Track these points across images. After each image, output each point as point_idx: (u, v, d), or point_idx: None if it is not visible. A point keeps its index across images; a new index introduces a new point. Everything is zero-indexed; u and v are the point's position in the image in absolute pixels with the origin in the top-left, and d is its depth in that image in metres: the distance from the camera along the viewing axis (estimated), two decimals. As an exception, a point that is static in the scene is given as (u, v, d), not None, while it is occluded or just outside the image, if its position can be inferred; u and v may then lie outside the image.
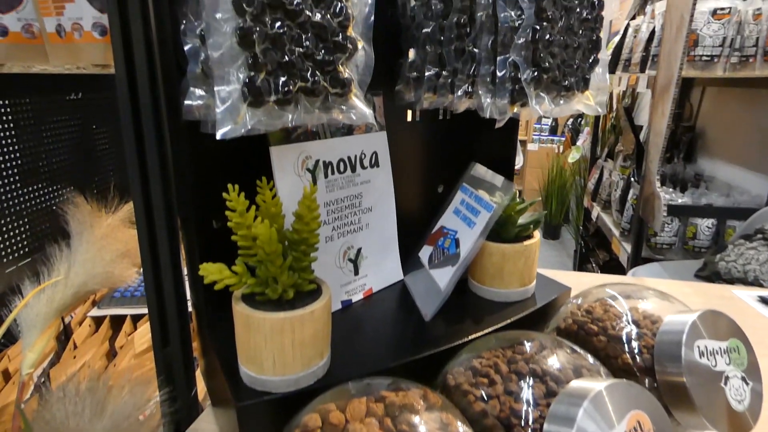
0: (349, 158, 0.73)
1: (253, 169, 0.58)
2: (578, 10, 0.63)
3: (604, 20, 0.71)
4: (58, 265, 0.82)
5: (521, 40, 0.62)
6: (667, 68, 1.79)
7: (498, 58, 0.64)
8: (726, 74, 1.90)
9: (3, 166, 1.00)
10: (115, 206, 0.98)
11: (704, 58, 1.90)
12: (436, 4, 0.73)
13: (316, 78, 0.46)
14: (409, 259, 0.85)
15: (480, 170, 0.79)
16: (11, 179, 1.02)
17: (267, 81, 0.44)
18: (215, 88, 0.48)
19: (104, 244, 0.84)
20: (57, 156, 1.16)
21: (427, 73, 0.77)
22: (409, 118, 0.87)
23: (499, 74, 0.64)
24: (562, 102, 0.65)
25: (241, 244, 0.54)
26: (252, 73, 0.44)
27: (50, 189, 1.15)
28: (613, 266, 2.46)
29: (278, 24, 0.44)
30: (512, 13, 0.62)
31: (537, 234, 0.77)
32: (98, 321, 1.20)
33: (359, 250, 0.77)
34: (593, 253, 2.76)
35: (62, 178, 1.19)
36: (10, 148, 0.97)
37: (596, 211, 2.63)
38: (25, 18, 0.66)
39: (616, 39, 2.53)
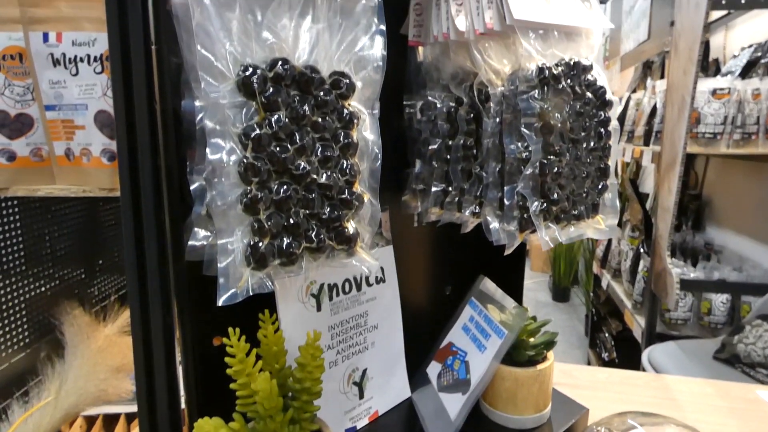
0: (354, 278, 0.71)
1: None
2: (585, 141, 0.63)
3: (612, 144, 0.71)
4: (48, 384, 0.79)
5: (529, 171, 0.61)
6: (671, 146, 1.80)
7: (505, 187, 0.63)
8: (729, 150, 1.91)
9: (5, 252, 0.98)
10: (116, 311, 0.96)
11: (707, 135, 1.91)
12: (443, 124, 0.74)
13: (322, 237, 0.45)
14: (416, 373, 0.81)
15: (489, 286, 0.77)
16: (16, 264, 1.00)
17: (271, 245, 0.43)
18: (218, 242, 0.47)
19: (100, 359, 0.81)
20: (62, 242, 1.15)
21: (433, 189, 0.76)
22: (416, 223, 0.86)
23: (506, 202, 0.63)
24: (572, 230, 0.63)
25: (240, 394, 0.51)
26: (256, 238, 0.43)
27: (53, 273, 1.13)
28: (626, 338, 2.38)
29: (284, 188, 0.43)
30: (519, 145, 0.62)
31: (551, 355, 0.73)
32: (90, 421, 1.15)
33: (365, 371, 0.73)
34: (605, 322, 2.68)
35: (66, 262, 1.18)
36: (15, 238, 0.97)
37: (606, 279, 2.58)
38: (34, 142, 0.67)
39: (619, 110, 2.57)
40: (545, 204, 0.60)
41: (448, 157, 0.74)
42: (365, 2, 0.48)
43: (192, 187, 0.55)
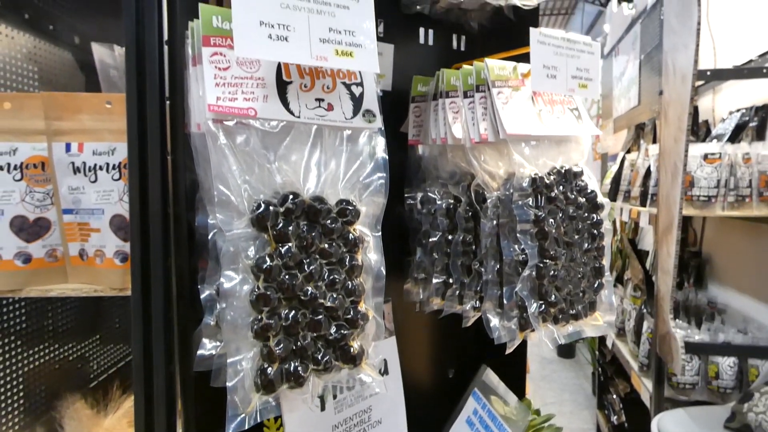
0: (358, 374, 0.72)
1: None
2: (579, 243, 0.66)
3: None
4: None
5: (526, 273, 0.63)
6: (667, 210, 1.84)
7: (504, 287, 0.65)
8: (725, 213, 1.94)
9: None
10: (117, 397, 0.95)
11: (702, 198, 1.95)
12: (443, 219, 0.77)
13: (328, 358, 0.47)
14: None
15: (492, 379, 0.78)
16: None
17: (280, 369, 0.45)
18: (227, 360, 0.48)
19: (102, 455, 0.80)
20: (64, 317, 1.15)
21: (434, 280, 0.78)
22: (418, 309, 0.87)
23: (506, 302, 0.65)
24: (570, 329, 0.65)
25: None
26: (266, 364, 0.44)
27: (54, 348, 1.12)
28: (635, 402, 2.32)
29: (293, 314, 0.45)
30: (515, 247, 0.64)
31: (556, 451, 0.73)
32: None
33: (369, 469, 0.73)
34: (612, 383, 2.62)
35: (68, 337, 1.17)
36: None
37: (611, 337, 2.55)
38: (50, 244, 0.69)
39: (614, 168, 2.63)
40: (543, 306, 0.62)
41: (448, 250, 0.76)
42: (368, 131, 0.52)
43: (202, 296, 0.57)
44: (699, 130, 2.54)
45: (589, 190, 0.67)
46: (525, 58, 0.67)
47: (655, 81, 2.07)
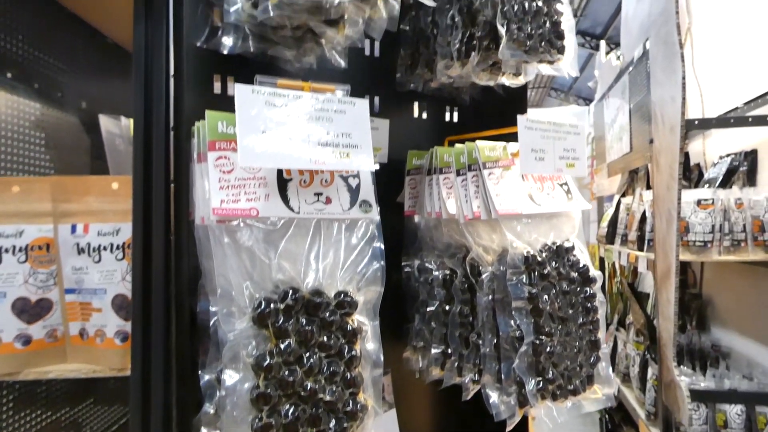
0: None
1: None
2: (574, 318, 0.67)
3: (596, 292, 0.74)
4: None
5: (523, 349, 0.64)
6: (664, 257, 1.85)
7: (502, 363, 0.66)
8: (722, 258, 1.95)
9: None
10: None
11: (698, 243, 1.96)
12: (440, 290, 0.78)
13: (327, 454, 0.47)
14: None
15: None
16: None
17: (280, 467, 0.45)
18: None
19: None
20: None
21: (433, 350, 0.78)
22: (418, 376, 0.87)
23: (504, 378, 0.65)
24: (569, 404, 0.65)
25: None
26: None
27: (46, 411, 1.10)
28: (643, 451, 2.26)
29: (292, 410, 0.46)
30: (511, 323, 0.65)
31: None
32: None
33: None
34: (620, 430, 2.56)
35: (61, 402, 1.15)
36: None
37: (616, 383, 2.51)
38: (51, 324, 0.70)
39: (611, 212, 2.66)
40: (541, 383, 0.63)
41: (446, 321, 0.77)
42: (365, 221, 0.54)
43: (202, 383, 0.58)
44: (691, 173, 2.58)
45: (581, 265, 0.68)
46: (515, 135, 0.70)
47: (645, 129, 2.12)
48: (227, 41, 0.62)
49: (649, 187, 2.27)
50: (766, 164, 2.15)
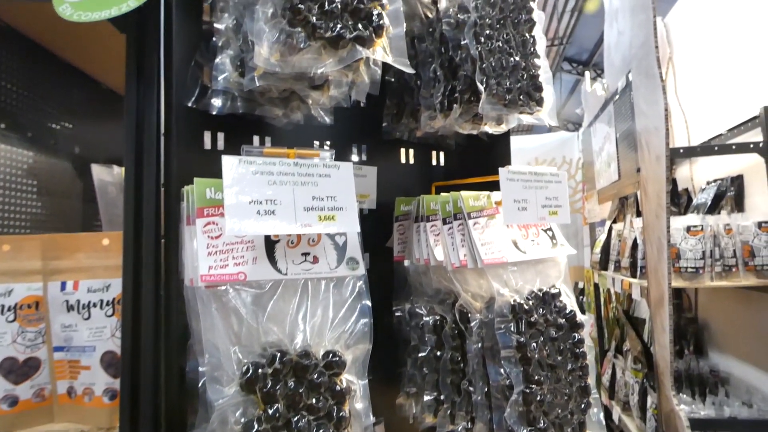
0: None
1: None
2: (563, 364, 0.67)
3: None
4: None
5: (513, 398, 0.64)
6: (657, 284, 1.86)
7: (494, 412, 0.66)
8: (714, 283, 1.96)
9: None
10: None
11: (689, 269, 1.98)
12: (430, 336, 0.78)
13: None
14: None
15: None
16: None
17: None
18: None
19: None
20: None
21: (426, 398, 0.78)
22: (411, 422, 0.86)
23: (496, 428, 0.65)
24: (563, 453, 0.64)
25: None
26: None
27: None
28: (647, 483, 2.21)
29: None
30: (501, 371, 0.65)
31: None
32: None
33: None
34: (622, 460, 2.51)
35: None
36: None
37: (616, 411, 2.48)
38: (38, 384, 0.70)
39: (603, 237, 2.67)
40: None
41: (437, 366, 0.77)
42: (353, 278, 0.55)
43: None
44: (680, 198, 2.62)
45: (567, 311, 0.69)
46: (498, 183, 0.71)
47: (632, 157, 2.16)
48: (216, 102, 0.63)
49: (639, 214, 2.30)
50: (753, 189, 2.18)
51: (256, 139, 0.77)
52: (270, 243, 0.51)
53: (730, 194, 2.27)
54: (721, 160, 2.43)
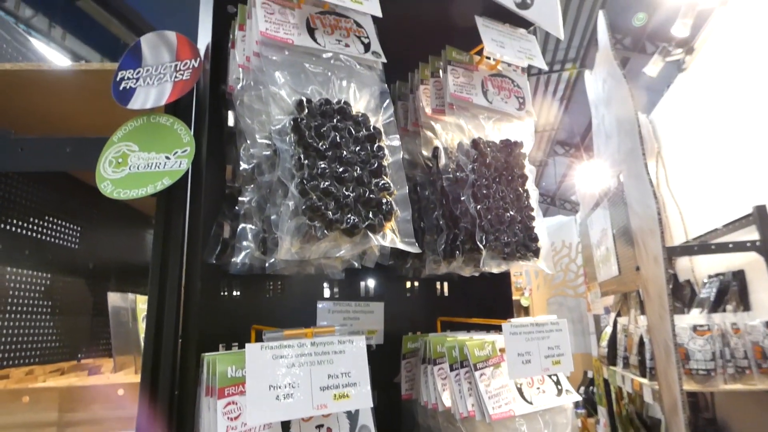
0: None
1: None
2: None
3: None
4: None
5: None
6: (668, 389, 1.82)
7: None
8: (728, 387, 1.92)
9: None
10: None
11: (701, 372, 1.94)
12: None
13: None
14: None
15: None
16: None
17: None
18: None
19: None
20: None
21: None
22: None
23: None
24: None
25: None
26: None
27: None
28: None
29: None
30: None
31: None
32: None
33: None
34: None
35: None
36: None
37: None
38: None
39: (608, 330, 2.65)
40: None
41: None
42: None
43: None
44: (683, 289, 2.62)
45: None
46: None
47: (630, 253, 2.20)
48: (235, 263, 0.69)
49: (643, 311, 2.29)
50: (756, 285, 2.19)
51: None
52: (285, 422, 0.54)
53: (734, 289, 2.28)
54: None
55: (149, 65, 0.82)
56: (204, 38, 0.88)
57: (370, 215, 0.57)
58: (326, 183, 0.58)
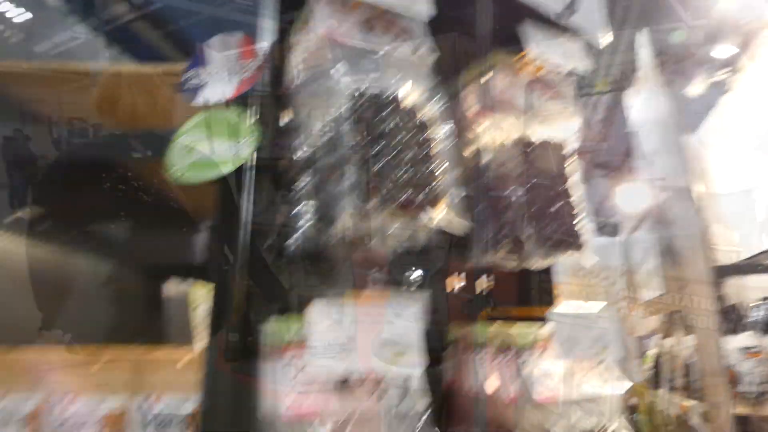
0: None
1: None
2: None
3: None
4: None
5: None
6: (717, 411, 1.74)
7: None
8: (785, 414, 1.81)
9: None
10: None
11: (751, 394, 1.85)
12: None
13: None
14: None
15: None
16: None
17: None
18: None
19: None
20: None
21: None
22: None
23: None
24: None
25: None
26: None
27: None
28: None
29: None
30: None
31: None
32: None
33: None
34: None
35: None
36: None
37: None
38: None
39: (653, 352, 2.54)
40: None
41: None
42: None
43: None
44: (731, 312, 2.51)
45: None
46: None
47: (675, 273, 2.14)
48: (291, 245, 0.73)
49: (689, 331, 2.21)
50: (808, 308, 2.08)
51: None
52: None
53: (787, 311, 2.18)
54: None
55: (215, 65, 0.90)
56: (265, 41, 0.96)
57: (422, 195, 0.61)
58: (380, 165, 0.62)
